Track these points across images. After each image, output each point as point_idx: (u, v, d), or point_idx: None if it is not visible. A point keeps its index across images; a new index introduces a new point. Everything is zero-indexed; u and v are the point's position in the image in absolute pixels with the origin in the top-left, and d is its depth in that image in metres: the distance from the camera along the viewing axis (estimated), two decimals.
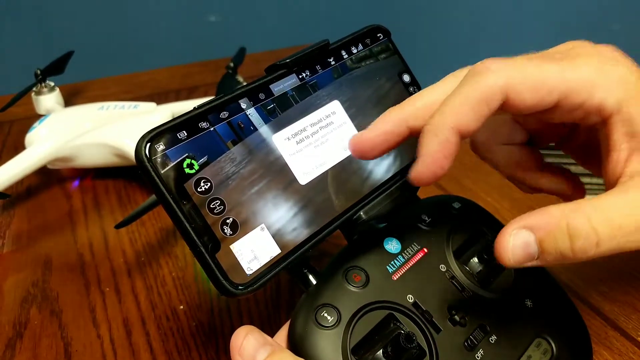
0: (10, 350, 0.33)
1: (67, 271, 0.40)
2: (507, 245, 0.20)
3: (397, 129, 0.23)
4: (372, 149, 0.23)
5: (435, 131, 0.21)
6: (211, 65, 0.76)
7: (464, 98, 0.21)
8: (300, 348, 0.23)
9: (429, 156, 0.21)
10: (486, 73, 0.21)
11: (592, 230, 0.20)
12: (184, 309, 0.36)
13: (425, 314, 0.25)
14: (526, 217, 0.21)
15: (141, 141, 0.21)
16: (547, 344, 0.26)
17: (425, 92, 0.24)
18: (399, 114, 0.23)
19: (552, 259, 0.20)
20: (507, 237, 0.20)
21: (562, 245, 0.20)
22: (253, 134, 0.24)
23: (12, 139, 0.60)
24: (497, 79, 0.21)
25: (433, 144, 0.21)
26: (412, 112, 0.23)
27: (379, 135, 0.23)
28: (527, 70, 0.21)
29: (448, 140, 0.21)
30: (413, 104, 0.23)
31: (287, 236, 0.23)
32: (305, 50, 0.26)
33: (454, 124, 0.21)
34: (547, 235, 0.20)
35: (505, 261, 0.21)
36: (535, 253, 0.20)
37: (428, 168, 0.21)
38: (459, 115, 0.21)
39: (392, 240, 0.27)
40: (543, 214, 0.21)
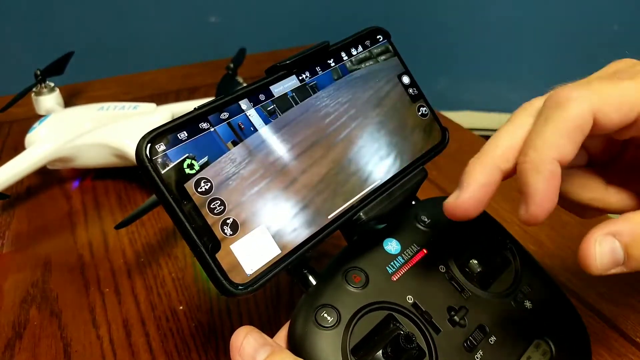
0: (10, 350, 0.33)
1: (66, 272, 0.40)
2: (592, 252, 0.20)
3: (493, 177, 0.22)
4: (475, 208, 0.22)
5: (537, 168, 0.21)
6: (211, 66, 0.76)
7: (557, 130, 0.21)
8: (300, 348, 0.23)
9: (538, 195, 0.21)
10: (570, 102, 0.21)
11: None
12: (184, 309, 0.36)
13: (424, 315, 0.25)
14: (609, 224, 0.21)
15: (142, 141, 0.21)
16: (546, 345, 0.26)
17: (503, 133, 0.23)
18: (488, 162, 0.23)
19: (638, 263, 0.21)
20: (593, 245, 0.21)
21: None
22: (253, 134, 0.24)
23: (12, 139, 0.60)
24: (584, 105, 0.21)
25: (539, 181, 0.21)
26: (500, 155, 0.22)
27: (476, 193, 0.22)
28: (607, 93, 0.21)
29: (552, 173, 0.21)
30: (497, 147, 0.23)
31: (287, 236, 0.23)
32: (305, 52, 0.26)
33: (555, 156, 0.21)
34: (633, 240, 0.20)
35: (591, 269, 0.21)
36: (621, 259, 0.21)
37: (540, 207, 0.21)
38: (557, 147, 0.21)
39: (392, 241, 0.27)
40: (627, 220, 0.21)
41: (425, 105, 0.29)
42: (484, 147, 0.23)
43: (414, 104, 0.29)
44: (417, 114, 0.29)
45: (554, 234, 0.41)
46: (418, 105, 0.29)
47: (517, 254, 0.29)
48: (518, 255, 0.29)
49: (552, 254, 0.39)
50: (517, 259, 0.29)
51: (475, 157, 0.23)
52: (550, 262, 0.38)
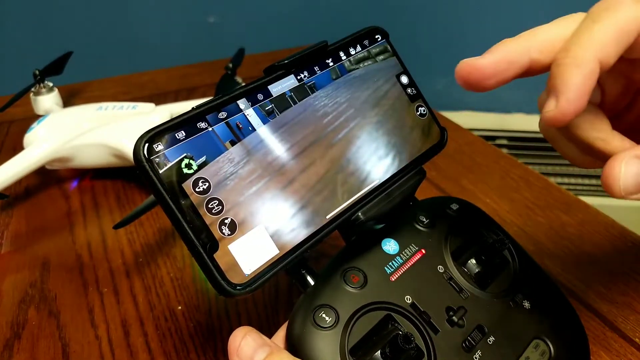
0: (8, 350, 0.33)
1: (65, 272, 0.40)
2: (617, 175, 0.20)
3: (520, 58, 0.21)
4: (488, 78, 0.21)
5: (577, 63, 0.20)
6: (210, 66, 0.76)
7: (605, 29, 0.20)
8: (298, 349, 0.23)
9: (572, 90, 0.20)
10: (622, 5, 0.20)
11: None
12: (182, 309, 0.36)
13: (423, 315, 0.25)
14: (638, 148, 0.20)
15: (139, 141, 0.21)
16: (545, 345, 0.26)
17: (543, 28, 0.22)
18: (521, 44, 0.22)
19: None
20: (619, 164, 0.20)
21: None
22: (251, 134, 0.24)
23: (11, 139, 0.60)
24: (635, 11, 0.20)
25: (577, 76, 0.20)
26: (537, 43, 0.22)
27: (498, 62, 0.21)
28: None
29: (593, 71, 0.20)
30: (535, 37, 0.22)
31: (285, 237, 0.23)
32: (303, 52, 0.26)
33: (598, 54, 0.20)
34: None
35: (615, 191, 0.20)
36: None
37: (572, 104, 0.20)
38: (602, 46, 0.20)
39: (390, 241, 0.27)
40: None
41: (424, 105, 0.29)
42: (521, 34, 0.22)
43: (413, 104, 0.29)
44: (416, 114, 0.29)
45: (553, 234, 0.41)
46: (416, 105, 0.29)
47: (516, 254, 0.29)
48: (516, 256, 0.29)
49: (551, 254, 0.39)
50: (516, 259, 0.29)
51: (509, 38, 0.22)
52: (550, 263, 0.38)
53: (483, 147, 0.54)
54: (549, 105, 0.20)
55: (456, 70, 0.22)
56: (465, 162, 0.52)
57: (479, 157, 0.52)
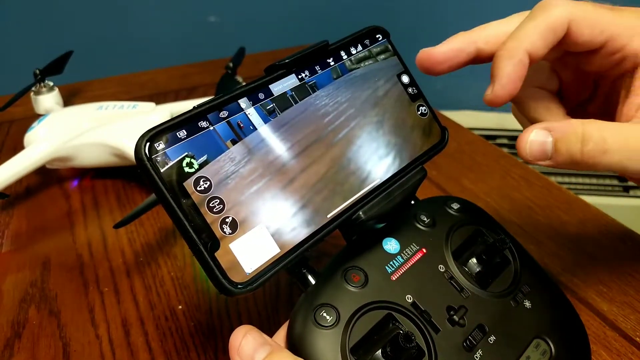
0: (9, 350, 0.33)
1: (65, 271, 0.40)
2: (526, 141, 0.23)
3: (467, 47, 0.26)
4: (440, 63, 0.26)
5: (509, 55, 0.24)
6: (210, 66, 0.76)
7: (536, 25, 0.24)
8: (299, 348, 0.23)
9: (504, 77, 0.24)
10: (554, 6, 0.24)
11: (602, 139, 0.22)
12: (183, 309, 0.36)
13: (424, 314, 0.25)
14: (551, 123, 0.24)
15: (141, 140, 0.21)
16: (545, 345, 0.26)
17: (493, 23, 0.26)
18: (470, 36, 0.26)
19: (563, 160, 0.23)
20: (528, 133, 0.23)
21: (574, 147, 0.23)
22: (252, 133, 0.24)
23: (11, 138, 0.60)
24: (563, 11, 0.24)
25: (509, 66, 0.24)
26: (482, 36, 0.26)
27: (449, 51, 0.26)
28: (586, 9, 0.24)
29: (522, 62, 0.24)
30: (483, 30, 0.26)
31: (286, 235, 0.23)
32: (304, 51, 0.26)
33: (527, 47, 0.24)
34: (563, 136, 0.23)
35: (522, 154, 0.24)
36: (549, 152, 0.23)
37: (504, 88, 0.24)
38: (531, 40, 0.24)
39: (391, 241, 0.27)
40: (564, 121, 0.24)
41: (425, 105, 0.29)
42: (473, 29, 0.26)
43: (414, 103, 0.29)
44: (417, 113, 0.29)
45: (553, 234, 0.41)
46: (417, 105, 0.29)
47: (517, 253, 0.29)
48: (517, 255, 0.29)
49: (552, 254, 0.39)
50: (517, 259, 0.29)
51: (462, 32, 0.26)
52: (550, 262, 0.38)
53: (483, 146, 0.54)
54: (488, 89, 0.24)
55: (416, 58, 0.26)
56: (466, 161, 0.52)
57: (480, 157, 0.52)
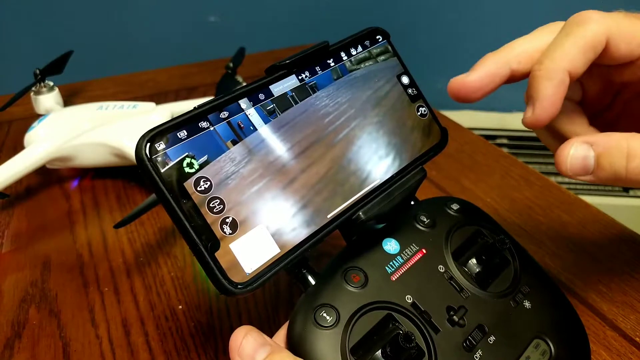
0: (9, 350, 0.33)
1: (66, 271, 0.40)
2: (566, 155, 0.23)
3: (501, 70, 0.25)
4: (477, 91, 0.25)
5: (549, 76, 0.23)
6: (210, 66, 0.76)
7: (574, 43, 0.23)
8: (299, 348, 0.23)
9: (545, 100, 0.23)
10: (590, 22, 0.23)
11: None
12: (183, 309, 0.36)
13: (424, 315, 0.25)
14: (591, 136, 0.23)
15: (141, 140, 0.21)
16: (545, 345, 0.26)
17: (521, 40, 0.25)
18: (502, 57, 0.25)
19: (606, 175, 0.23)
20: (568, 148, 0.23)
21: (618, 163, 0.22)
22: (253, 134, 0.24)
23: (11, 138, 0.60)
24: (600, 26, 0.23)
25: (549, 87, 0.23)
26: (514, 56, 0.25)
27: (482, 78, 0.25)
28: (622, 23, 0.23)
29: (563, 82, 0.23)
30: (513, 49, 0.25)
31: (286, 236, 0.23)
32: (305, 52, 0.26)
33: (567, 67, 0.23)
34: (606, 151, 0.22)
35: (562, 170, 0.23)
36: (591, 167, 0.23)
37: (546, 111, 0.23)
38: (571, 59, 0.23)
39: (391, 241, 0.27)
40: (607, 135, 0.23)
41: (425, 105, 0.29)
42: (501, 48, 0.25)
43: (413, 104, 0.29)
44: (417, 114, 0.29)
45: (554, 234, 0.41)
46: (417, 105, 0.29)
47: (516, 253, 0.29)
48: (517, 255, 0.29)
49: (552, 254, 0.39)
50: (516, 259, 0.29)
51: (491, 52, 0.25)
52: (550, 262, 0.38)
53: (483, 146, 0.54)
54: (527, 112, 0.24)
55: (448, 87, 0.25)
56: (466, 161, 0.52)
57: (480, 157, 0.52)
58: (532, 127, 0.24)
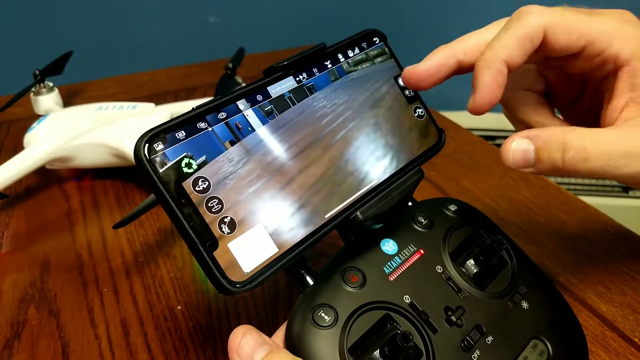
0: (8, 350, 0.33)
1: (65, 271, 0.40)
2: (509, 149, 0.24)
3: (448, 61, 0.26)
4: (425, 79, 0.26)
5: (487, 65, 0.24)
6: (210, 66, 0.76)
7: (512, 35, 0.24)
8: (297, 347, 0.23)
9: (484, 87, 0.24)
10: (529, 15, 0.24)
11: (582, 147, 0.23)
12: (182, 309, 0.36)
13: (421, 315, 0.25)
14: (531, 130, 0.24)
15: (140, 140, 0.21)
16: (543, 345, 0.26)
17: (472, 34, 0.27)
18: (450, 49, 0.26)
19: (545, 167, 0.24)
20: (511, 142, 0.24)
21: (555, 155, 0.23)
22: (251, 134, 0.24)
23: (11, 139, 0.60)
24: (538, 19, 0.24)
25: (487, 76, 0.24)
26: (461, 48, 0.26)
27: (432, 67, 0.26)
28: (562, 16, 0.24)
29: (499, 71, 0.24)
30: (462, 42, 0.26)
31: (284, 235, 0.23)
32: (302, 53, 0.26)
33: (504, 57, 0.24)
34: (544, 144, 0.24)
35: (506, 162, 0.24)
36: (532, 160, 0.24)
37: (485, 98, 0.24)
38: (508, 50, 0.24)
39: (389, 242, 0.27)
40: (545, 129, 0.24)
41: (422, 107, 0.29)
42: (453, 41, 0.27)
43: (411, 106, 0.29)
44: (414, 115, 0.29)
45: (552, 234, 0.41)
46: (414, 107, 0.29)
47: (514, 254, 0.29)
48: (514, 256, 0.29)
49: (551, 254, 0.39)
50: (514, 260, 0.29)
51: (443, 45, 0.27)
52: (549, 262, 0.38)
53: (483, 146, 0.54)
54: (470, 99, 0.25)
55: (402, 75, 0.27)
56: (465, 161, 0.52)
57: (479, 157, 0.52)
58: (474, 113, 0.25)
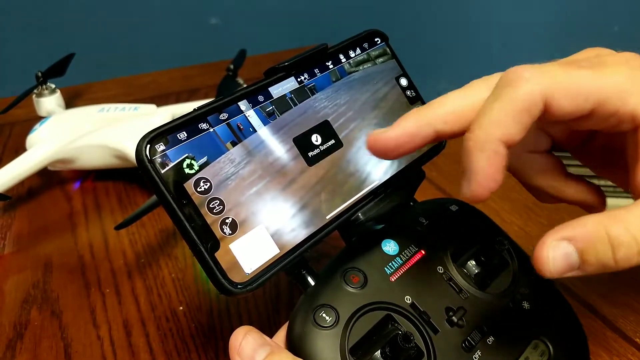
0: (11, 351, 0.33)
1: (67, 272, 0.40)
2: (547, 257, 0.20)
3: (423, 131, 0.22)
4: (393, 149, 0.22)
5: (480, 147, 0.20)
6: (212, 68, 0.76)
7: (504, 108, 0.20)
8: (298, 348, 0.23)
9: (480, 174, 0.20)
10: (521, 81, 0.20)
11: (633, 239, 0.20)
12: (184, 310, 0.36)
13: (423, 315, 0.25)
14: (564, 228, 0.20)
15: (142, 142, 0.21)
16: (544, 346, 0.26)
17: (454, 95, 0.22)
18: (426, 116, 0.22)
19: (594, 269, 0.20)
20: (547, 249, 0.20)
21: (604, 255, 0.20)
22: (252, 135, 0.24)
23: (13, 141, 0.60)
24: (534, 87, 0.20)
25: (482, 160, 0.20)
26: (441, 115, 0.22)
27: (402, 136, 0.22)
28: (561, 78, 0.20)
29: (496, 153, 0.20)
30: (441, 107, 0.22)
31: (285, 236, 0.23)
32: (304, 54, 0.26)
33: (499, 137, 0.20)
34: (588, 245, 0.20)
35: (545, 273, 0.20)
36: (576, 264, 0.20)
37: (481, 185, 0.20)
38: (502, 127, 0.20)
39: (390, 242, 0.27)
40: (581, 224, 0.20)
41: None
42: (430, 103, 0.22)
43: (412, 106, 0.29)
44: None
45: None
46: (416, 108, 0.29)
47: (515, 255, 0.29)
48: (515, 257, 0.29)
49: None
50: (515, 260, 0.29)
51: (418, 107, 0.22)
52: None
53: None
54: (464, 187, 0.21)
55: (366, 142, 0.22)
56: None
57: None
58: (473, 202, 0.21)
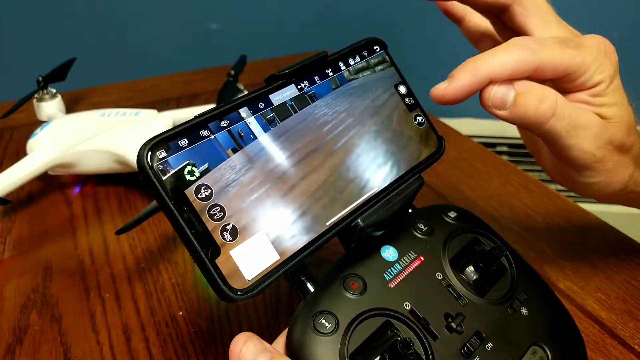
0: (10, 355, 0.33)
1: (67, 277, 0.40)
2: (491, 89, 0.26)
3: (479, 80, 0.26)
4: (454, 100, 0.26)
5: (475, 71, 0.25)
6: (212, 73, 0.76)
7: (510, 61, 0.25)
8: (298, 354, 0.23)
9: (460, 83, 0.25)
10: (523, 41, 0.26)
11: (555, 102, 0.25)
12: (184, 315, 0.36)
13: (422, 321, 0.25)
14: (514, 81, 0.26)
15: (143, 148, 0.21)
16: (542, 352, 0.26)
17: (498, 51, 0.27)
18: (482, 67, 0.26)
19: (517, 112, 0.26)
20: (495, 84, 0.26)
21: (531, 103, 0.25)
22: (253, 142, 0.24)
23: (14, 145, 0.60)
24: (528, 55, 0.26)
25: (467, 78, 0.25)
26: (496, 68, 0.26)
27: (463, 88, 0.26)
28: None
29: (481, 84, 0.25)
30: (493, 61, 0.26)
31: (285, 243, 0.23)
32: (304, 62, 0.27)
33: (491, 76, 0.25)
34: (525, 92, 0.26)
35: (484, 101, 0.26)
36: (509, 103, 0.26)
37: (455, 92, 0.25)
38: (496, 73, 0.25)
39: (389, 248, 0.27)
40: (527, 82, 0.26)
41: (422, 115, 0.29)
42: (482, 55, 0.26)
43: (411, 113, 0.29)
44: (414, 123, 0.29)
45: (552, 241, 0.41)
46: (414, 115, 0.29)
47: (513, 261, 0.29)
48: (514, 263, 0.29)
49: (551, 261, 0.39)
50: (513, 266, 0.29)
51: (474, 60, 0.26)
52: (549, 269, 0.38)
53: (483, 154, 0.55)
54: (442, 83, 0.26)
55: (431, 94, 0.27)
56: (466, 168, 0.52)
57: (479, 164, 0.52)
58: (437, 98, 0.26)
